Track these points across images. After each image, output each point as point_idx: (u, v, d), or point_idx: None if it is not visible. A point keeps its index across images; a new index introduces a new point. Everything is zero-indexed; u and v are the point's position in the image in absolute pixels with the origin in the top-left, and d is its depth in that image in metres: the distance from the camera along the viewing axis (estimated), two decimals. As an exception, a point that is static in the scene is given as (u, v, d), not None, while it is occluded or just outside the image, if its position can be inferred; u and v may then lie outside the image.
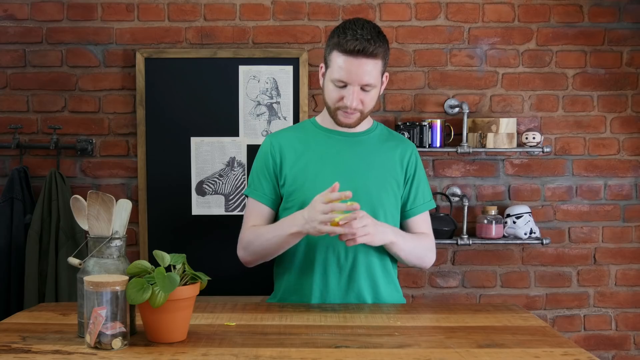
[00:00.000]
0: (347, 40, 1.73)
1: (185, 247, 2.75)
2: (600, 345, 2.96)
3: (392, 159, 1.92)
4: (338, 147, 1.90)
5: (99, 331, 1.38)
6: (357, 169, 1.87)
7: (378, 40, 1.75)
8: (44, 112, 2.86)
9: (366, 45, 1.71)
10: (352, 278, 1.88)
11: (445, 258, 2.94)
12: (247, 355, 1.36)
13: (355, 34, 1.72)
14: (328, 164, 1.87)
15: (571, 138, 2.94)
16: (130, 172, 2.88)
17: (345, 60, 1.74)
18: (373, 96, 1.81)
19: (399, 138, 2.00)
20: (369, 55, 1.73)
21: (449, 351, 1.41)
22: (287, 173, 1.89)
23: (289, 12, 2.86)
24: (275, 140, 1.94)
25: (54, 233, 2.70)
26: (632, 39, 2.91)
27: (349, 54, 1.73)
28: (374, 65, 1.76)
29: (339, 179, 1.77)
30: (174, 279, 1.40)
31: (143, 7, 2.84)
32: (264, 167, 1.93)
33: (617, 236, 2.96)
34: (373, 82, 1.78)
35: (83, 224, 1.58)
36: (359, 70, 1.74)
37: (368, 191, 1.85)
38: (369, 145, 1.92)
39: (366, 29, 1.74)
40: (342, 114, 1.82)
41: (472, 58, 2.90)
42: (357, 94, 1.77)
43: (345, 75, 1.75)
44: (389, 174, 1.90)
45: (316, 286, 1.88)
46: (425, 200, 1.97)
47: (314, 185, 1.83)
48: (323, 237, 1.81)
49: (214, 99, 2.83)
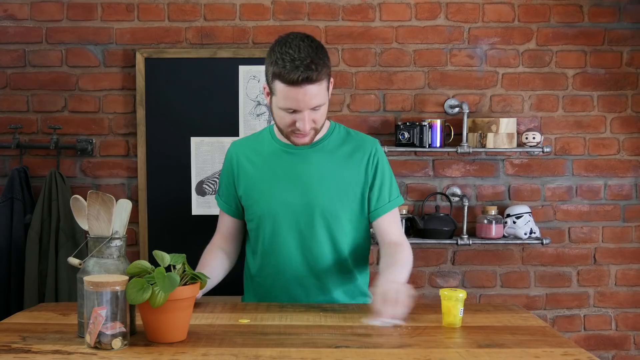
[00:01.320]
0: (287, 71, 1.65)
1: (185, 247, 2.74)
2: (600, 345, 2.96)
3: (350, 163, 1.88)
4: (292, 161, 1.87)
5: (99, 331, 1.38)
6: (311, 183, 1.84)
7: (318, 60, 1.68)
8: (44, 112, 2.86)
9: (309, 74, 1.65)
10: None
11: (445, 258, 2.94)
12: (247, 355, 1.36)
13: (294, 62, 1.65)
14: (281, 179, 1.86)
15: (571, 138, 2.94)
16: (130, 172, 2.88)
17: (290, 90, 1.68)
18: (324, 111, 1.77)
19: (358, 138, 1.93)
20: (313, 82, 1.67)
21: (449, 351, 1.41)
22: (242, 186, 1.91)
23: (289, 12, 2.86)
24: (234, 150, 1.95)
25: (54, 233, 2.70)
26: (632, 39, 2.91)
27: (293, 84, 1.66)
28: (319, 87, 1.70)
29: (291, 195, 1.82)
30: (174, 279, 1.40)
31: (143, 7, 2.84)
32: (226, 175, 1.97)
33: (617, 236, 2.96)
34: (322, 101, 1.73)
35: (83, 224, 1.58)
36: (305, 98, 1.69)
37: (321, 205, 1.83)
38: (325, 153, 1.87)
39: (304, 51, 1.66)
40: (296, 136, 1.78)
41: (472, 58, 2.90)
42: (308, 116, 1.72)
43: (294, 104, 1.70)
44: (346, 181, 1.86)
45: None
46: (391, 198, 1.90)
47: (268, 200, 1.85)
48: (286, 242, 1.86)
49: (214, 99, 2.83)
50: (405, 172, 2.92)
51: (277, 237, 1.87)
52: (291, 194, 1.84)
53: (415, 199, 2.92)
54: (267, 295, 1.94)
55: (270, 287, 1.93)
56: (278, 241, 1.88)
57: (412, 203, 2.93)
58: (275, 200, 1.84)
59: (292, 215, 1.84)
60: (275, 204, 1.84)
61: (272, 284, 1.92)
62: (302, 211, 1.84)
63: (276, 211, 1.85)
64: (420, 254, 2.92)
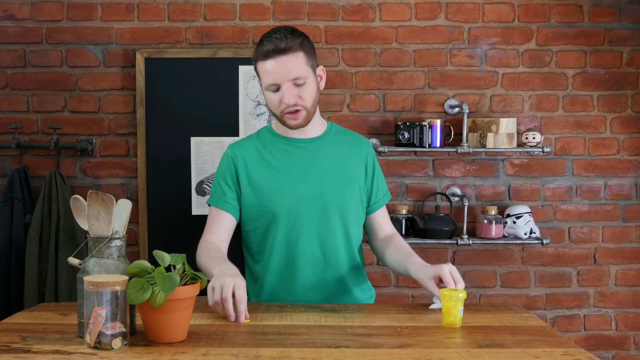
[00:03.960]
0: (261, 48, 1.82)
1: (185, 247, 2.74)
2: (600, 345, 2.96)
3: (352, 158, 1.99)
4: (299, 155, 1.95)
5: (99, 331, 1.38)
6: (321, 174, 1.93)
7: (291, 35, 1.82)
8: (44, 112, 2.86)
9: (277, 43, 1.79)
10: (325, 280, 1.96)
11: (445, 258, 2.94)
12: (247, 355, 1.36)
13: (269, 39, 1.81)
14: (292, 172, 1.93)
15: (571, 138, 2.94)
16: (130, 172, 2.88)
17: (266, 64, 1.81)
18: (310, 90, 1.86)
19: (355, 136, 2.06)
20: (285, 52, 1.79)
21: (449, 351, 1.41)
22: (251, 185, 1.93)
23: (289, 12, 2.86)
24: (237, 150, 1.98)
25: (54, 233, 2.70)
26: (632, 39, 2.91)
27: (267, 57, 1.80)
28: (295, 58, 1.81)
29: (305, 187, 1.89)
30: (174, 279, 1.40)
31: (143, 7, 2.84)
32: (227, 177, 1.96)
33: (617, 236, 2.96)
34: (301, 74, 1.82)
35: (83, 224, 1.58)
36: (281, 69, 1.80)
37: (335, 194, 1.92)
38: (328, 148, 1.97)
39: (279, 32, 1.82)
40: (287, 116, 1.87)
41: (472, 58, 2.90)
42: (291, 90, 1.82)
43: (273, 77, 1.81)
44: (351, 174, 1.97)
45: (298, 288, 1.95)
46: (384, 192, 2.06)
47: (283, 195, 1.90)
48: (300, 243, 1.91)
49: (214, 99, 2.83)
50: (405, 172, 2.92)
51: (295, 231, 1.91)
52: (304, 186, 1.90)
53: (415, 199, 2.92)
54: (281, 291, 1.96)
55: (286, 282, 1.95)
56: (296, 234, 1.91)
57: (412, 203, 2.93)
58: (290, 194, 1.90)
59: (307, 207, 1.90)
60: (290, 197, 1.89)
61: (289, 279, 1.94)
62: (316, 202, 1.90)
63: (292, 204, 1.90)
64: (420, 254, 2.88)
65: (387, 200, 2.08)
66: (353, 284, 2.00)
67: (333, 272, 1.96)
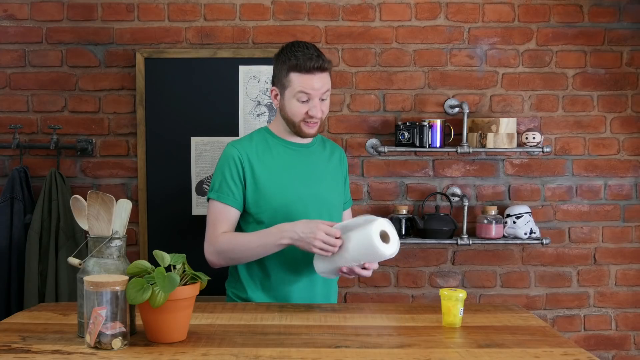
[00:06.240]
0: (303, 61, 1.94)
1: (185, 247, 2.75)
2: (600, 345, 2.96)
3: (333, 163, 2.16)
4: (296, 158, 2.07)
5: (99, 331, 1.38)
6: (313, 177, 2.07)
7: (323, 55, 1.99)
8: (44, 112, 2.86)
9: (321, 63, 1.95)
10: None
11: (445, 258, 2.94)
12: (247, 355, 1.36)
13: (306, 54, 1.94)
14: (290, 173, 2.04)
15: (571, 138, 2.94)
16: (130, 172, 2.88)
17: (306, 78, 1.95)
18: (328, 105, 2.03)
19: (332, 144, 2.23)
20: (324, 70, 1.97)
21: (449, 351, 1.41)
22: (254, 182, 2.01)
23: (289, 12, 2.86)
24: (241, 149, 2.05)
25: (54, 233, 2.70)
26: (632, 39, 2.91)
27: (307, 72, 1.94)
28: (327, 77, 1.99)
29: (299, 187, 2.02)
30: (174, 279, 1.40)
31: (143, 7, 2.84)
32: (233, 172, 2.01)
33: (617, 236, 2.96)
34: (328, 91, 2.00)
35: (83, 224, 1.58)
36: (319, 85, 1.96)
37: (323, 196, 2.07)
38: (316, 154, 2.12)
39: (311, 48, 1.97)
40: (306, 125, 2.00)
41: (472, 58, 2.90)
42: (319, 104, 1.98)
43: (310, 91, 1.95)
44: (334, 178, 2.15)
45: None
46: (349, 196, 2.30)
47: (284, 193, 2.01)
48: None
49: (214, 99, 2.83)
50: (405, 172, 2.92)
51: None
52: (302, 185, 2.03)
53: (415, 199, 2.92)
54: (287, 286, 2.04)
55: (289, 278, 2.03)
56: None
57: (412, 203, 2.93)
58: (291, 192, 2.01)
59: (303, 206, 2.01)
60: (290, 195, 2.01)
61: (292, 276, 2.03)
62: (312, 201, 2.03)
63: (291, 202, 2.00)
64: (420, 254, 2.93)
65: (351, 204, 2.30)
66: (333, 280, 2.15)
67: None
